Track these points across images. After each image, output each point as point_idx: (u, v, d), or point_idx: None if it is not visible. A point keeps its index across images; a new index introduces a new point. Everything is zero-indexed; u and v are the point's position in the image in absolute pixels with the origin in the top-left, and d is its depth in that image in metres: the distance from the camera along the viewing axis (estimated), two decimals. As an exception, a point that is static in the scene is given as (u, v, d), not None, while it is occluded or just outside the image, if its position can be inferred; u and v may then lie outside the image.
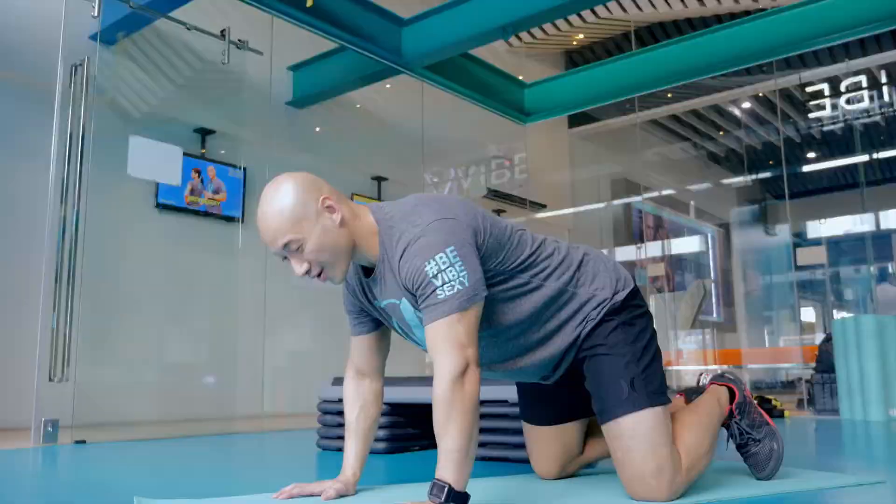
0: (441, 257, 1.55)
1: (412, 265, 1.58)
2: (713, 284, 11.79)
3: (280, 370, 6.09)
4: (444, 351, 1.52)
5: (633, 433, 1.71)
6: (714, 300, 11.82)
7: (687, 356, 10.05)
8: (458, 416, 1.49)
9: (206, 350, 5.69)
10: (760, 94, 9.10)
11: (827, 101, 7.66)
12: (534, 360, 1.85)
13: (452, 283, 1.54)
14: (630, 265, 10.00)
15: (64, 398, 3.67)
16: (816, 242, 10.04)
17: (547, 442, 2.07)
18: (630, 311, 1.85)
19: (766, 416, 2.03)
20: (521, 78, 7.25)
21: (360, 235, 1.68)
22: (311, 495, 1.79)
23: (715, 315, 11.83)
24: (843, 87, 7.53)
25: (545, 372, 1.91)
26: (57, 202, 3.79)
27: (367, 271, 1.76)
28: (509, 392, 2.61)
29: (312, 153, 6.61)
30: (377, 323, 1.89)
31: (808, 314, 11.90)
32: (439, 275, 1.54)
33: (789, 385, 8.95)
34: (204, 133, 5.73)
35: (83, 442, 3.52)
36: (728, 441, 2.01)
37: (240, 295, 5.50)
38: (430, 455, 2.74)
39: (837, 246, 10.36)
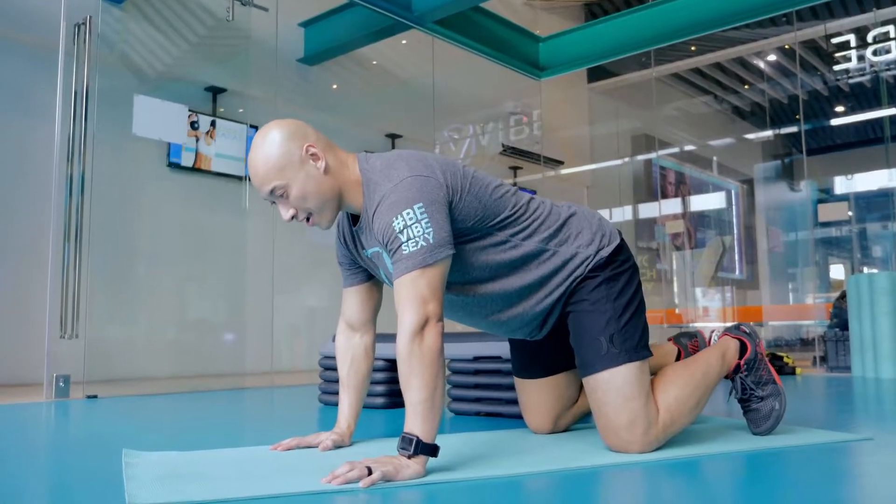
0: (408, 213, 1.57)
1: (383, 220, 1.61)
2: (736, 241, 11.65)
3: (291, 327, 6.16)
4: (405, 306, 1.55)
5: (608, 387, 1.76)
6: (737, 257, 11.69)
7: (706, 313, 9.99)
8: (420, 370, 1.51)
9: (217, 307, 5.77)
10: (787, 47, 8.84)
11: (853, 53, 7.41)
12: (517, 314, 1.87)
13: (417, 239, 1.56)
14: (650, 222, 9.90)
15: (76, 354, 3.76)
16: (844, 198, 9.82)
17: (538, 395, 2.10)
18: (615, 267, 1.87)
19: (775, 375, 2.03)
20: (537, 33, 7.13)
21: (346, 184, 1.71)
22: (309, 447, 1.85)
23: (737, 272, 11.71)
24: (870, 38, 7.28)
25: (532, 328, 1.94)
26: (64, 161, 3.83)
27: (355, 219, 1.79)
28: (502, 348, 2.62)
29: (325, 111, 6.59)
30: (369, 275, 1.93)
31: (837, 271, 11.72)
32: (405, 230, 1.57)
33: (811, 342, 8.87)
34: (215, 92, 5.72)
35: (95, 397, 3.61)
36: (731, 393, 2.01)
37: (250, 253, 5.55)
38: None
39: (863, 202, 10.14)
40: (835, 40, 7.61)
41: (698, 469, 1.64)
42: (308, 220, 1.70)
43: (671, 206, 10.33)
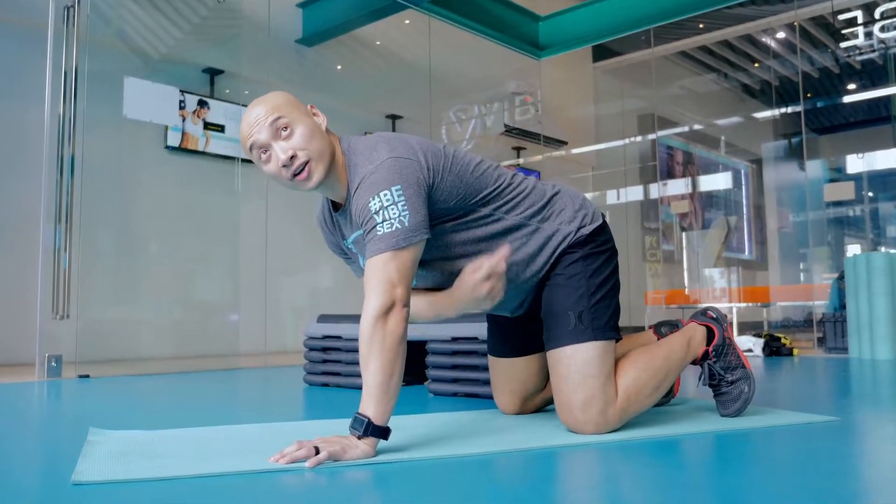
0: (386, 195, 1.57)
1: (360, 200, 1.61)
2: (745, 221, 11.56)
3: (286, 307, 6.19)
4: (373, 288, 1.55)
5: (570, 362, 1.77)
6: (746, 237, 11.61)
7: (711, 294, 9.93)
8: (379, 353, 1.52)
9: (211, 289, 5.80)
10: (796, 24, 8.71)
11: (860, 30, 7.27)
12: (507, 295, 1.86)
13: (392, 221, 1.56)
14: (657, 203, 9.84)
15: (68, 334, 3.80)
16: (852, 178, 9.71)
17: (508, 374, 2.11)
18: (594, 246, 1.88)
19: (744, 359, 2.03)
20: (537, 11, 7.06)
21: (334, 159, 1.70)
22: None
23: (747, 252, 11.63)
24: (877, 14, 7.13)
25: (514, 304, 1.95)
26: (54, 142, 3.85)
27: (335, 206, 1.79)
28: (480, 329, 2.62)
29: (324, 91, 6.58)
30: None
31: (854, 252, 11.62)
32: (381, 211, 1.57)
33: (818, 323, 8.80)
34: (212, 73, 5.72)
35: (87, 377, 3.66)
36: (700, 378, 2.01)
37: (243, 235, 5.57)
38: (407, 391, 2.79)
39: (876, 181, 10.02)
40: (842, 16, 7.47)
41: (654, 450, 1.64)
42: (304, 167, 1.62)
43: (678, 186, 10.25)
